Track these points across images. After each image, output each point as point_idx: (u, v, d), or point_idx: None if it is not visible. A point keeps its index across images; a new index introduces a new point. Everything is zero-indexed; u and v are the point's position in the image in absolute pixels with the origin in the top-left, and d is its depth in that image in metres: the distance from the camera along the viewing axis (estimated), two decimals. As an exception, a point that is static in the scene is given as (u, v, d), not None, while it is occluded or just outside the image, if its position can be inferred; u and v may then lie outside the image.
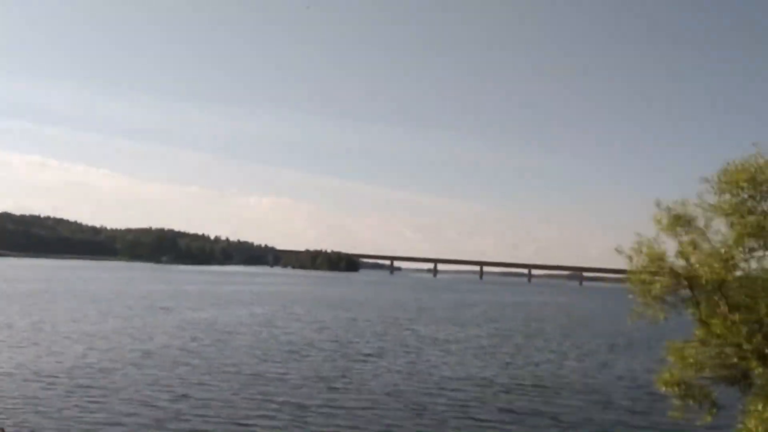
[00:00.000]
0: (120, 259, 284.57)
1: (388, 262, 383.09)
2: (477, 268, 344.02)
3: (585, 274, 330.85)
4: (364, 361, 36.99)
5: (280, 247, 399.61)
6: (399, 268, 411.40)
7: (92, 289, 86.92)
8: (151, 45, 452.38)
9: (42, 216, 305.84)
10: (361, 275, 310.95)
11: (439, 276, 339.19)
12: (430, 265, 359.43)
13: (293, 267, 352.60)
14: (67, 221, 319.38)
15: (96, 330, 43.26)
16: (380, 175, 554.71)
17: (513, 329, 61.93)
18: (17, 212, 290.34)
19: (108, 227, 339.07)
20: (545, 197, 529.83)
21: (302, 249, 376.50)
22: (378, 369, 34.39)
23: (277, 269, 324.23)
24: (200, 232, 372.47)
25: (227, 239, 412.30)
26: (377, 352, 40.61)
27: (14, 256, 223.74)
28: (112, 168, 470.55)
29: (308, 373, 31.76)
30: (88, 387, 25.95)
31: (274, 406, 24.79)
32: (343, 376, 31.55)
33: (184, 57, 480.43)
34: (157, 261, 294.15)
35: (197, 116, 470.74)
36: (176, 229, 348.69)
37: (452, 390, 29.85)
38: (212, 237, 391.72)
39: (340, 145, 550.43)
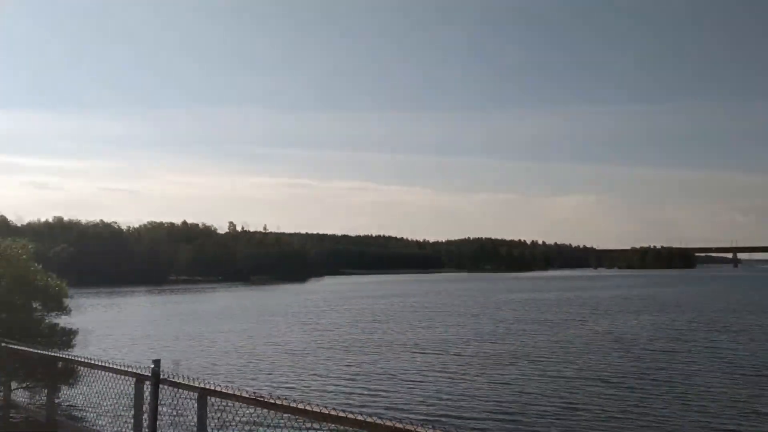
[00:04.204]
0: (446, 271, 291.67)
1: (726, 255, 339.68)
2: None
3: None
4: None
5: (598, 246, 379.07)
6: (740, 261, 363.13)
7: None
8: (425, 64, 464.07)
9: (372, 235, 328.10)
10: (700, 271, 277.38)
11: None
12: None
13: (619, 267, 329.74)
14: (395, 238, 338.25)
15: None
16: (688, 158, 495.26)
17: None
18: (351, 233, 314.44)
19: (430, 241, 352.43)
20: None
21: (621, 247, 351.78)
22: None
23: (604, 271, 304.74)
24: (513, 238, 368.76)
25: (544, 243, 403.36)
26: None
27: (359, 273, 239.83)
28: (422, 185, 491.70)
29: None
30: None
31: None
32: None
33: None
34: (481, 270, 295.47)
35: (497, 122, 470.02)
36: (490, 237, 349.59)
37: None
38: (528, 242, 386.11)
39: (639, 133, 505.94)
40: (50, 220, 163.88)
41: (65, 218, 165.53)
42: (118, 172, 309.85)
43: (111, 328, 48.05)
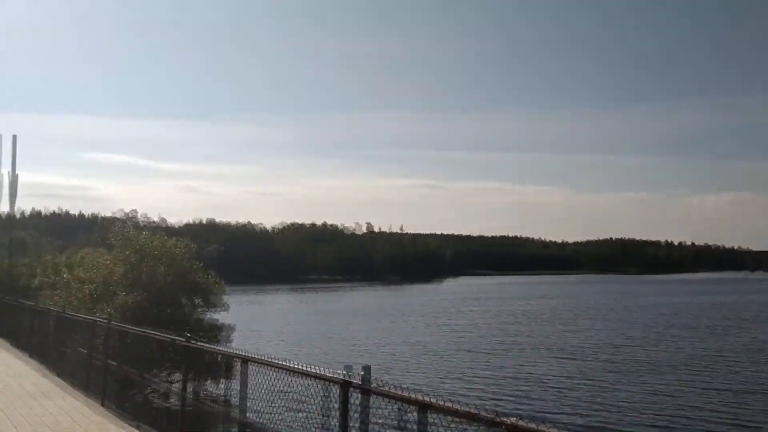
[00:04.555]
0: (585, 272, 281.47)
1: None
2: None
3: None
4: None
5: (755, 248, 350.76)
6: None
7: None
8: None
9: (509, 236, 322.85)
10: None
11: None
12: None
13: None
14: (532, 239, 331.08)
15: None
16: None
17: None
18: (488, 234, 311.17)
19: (569, 242, 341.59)
20: None
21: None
22: None
23: (762, 274, 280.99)
24: (657, 239, 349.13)
25: (693, 243, 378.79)
26: None
27: (495, 274, 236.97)
28: (560, 185, 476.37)
29: None
30: None
31: None
32: None
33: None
34: (623, 271, 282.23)
35: (638, 118, 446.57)
36: (633, 237, 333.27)
37: None
38: (675, 243, 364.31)
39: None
40: (203, 221, 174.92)
41: (216, 220, 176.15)
42: (261, 176, 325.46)
43: (261, 324, 50.20)
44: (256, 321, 52.09)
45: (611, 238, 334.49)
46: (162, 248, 22.42)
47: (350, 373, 5.04)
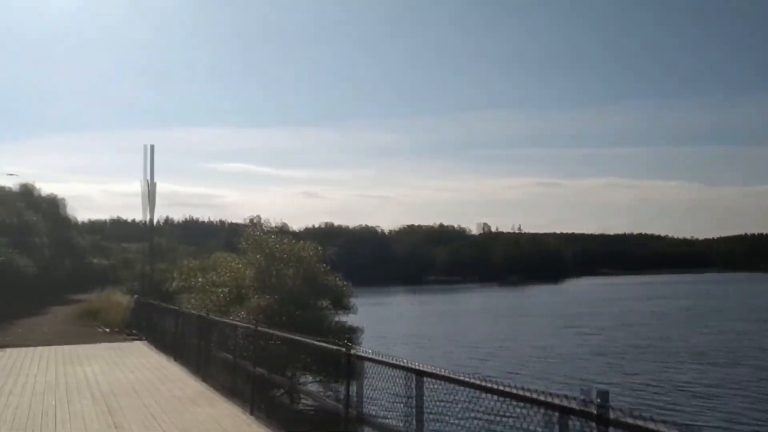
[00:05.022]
0: (717, 271, 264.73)
1: None
2: None
3: None
4: None
5: None
6: None
7: None
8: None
9: (632, 233, 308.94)
10: None
11: None
12: None
13: None
14: (657, 236, 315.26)
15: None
16: None
17: None
18: (609, 232, 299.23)
19: (699, 238, 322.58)
20: None
21: None
22: None
23: None
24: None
25: None
26: None
27: (618, 274, 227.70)
28: (685, 179, 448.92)
29: None
30: None
31: None
32: None
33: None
34: (762, 270, 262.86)
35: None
36: (766, 233, 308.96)
37: None
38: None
39: None
40: (322, 225, 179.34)
41: (335, 223, 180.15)
42: (376, 180, 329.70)
43: (385, 326, 50.23)
44: (379, 323, 52.27)
45: (745, 234, 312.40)
46: (290, 251, 22.82)
47: (585, 398, 4.02)
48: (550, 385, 24.83)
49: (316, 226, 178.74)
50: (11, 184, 52.18)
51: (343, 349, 7.77)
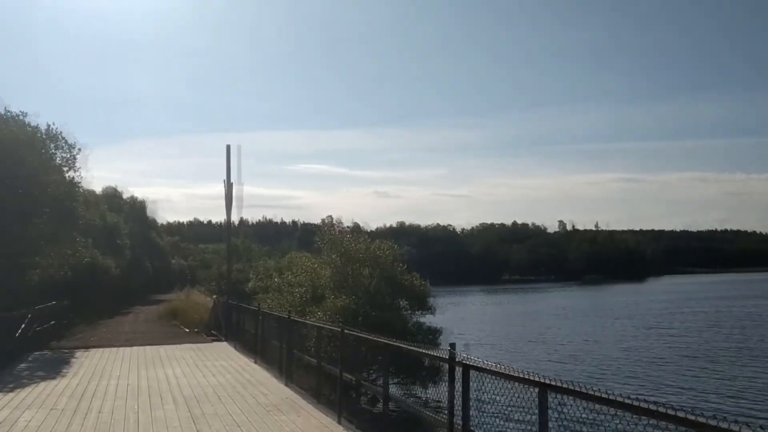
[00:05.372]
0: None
1: None
2: None
3: None
4: None
5: None
6: None
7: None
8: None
9: (718, 230, 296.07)
10: None
11: None
12: None
13: None
14: (745, 232, 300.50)
15: None
16: None
17: None
18: (693, 229, 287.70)
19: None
20: None
21: None
22: None
23: None
24: None
25: None
26: None
27: (703, 272, 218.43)
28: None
29: None
30: None
31: None
32: None
33: None
34: None
35: None
36: None
37: None
38: None
39: None
40: (394, 225, 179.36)
41: (407, 223, 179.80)
42: (450, 178, 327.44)
43: (464, 326, 49.45)
44: (458, 323, 51.41)
45: None
46: (366, 251, 22.40)
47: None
48: (627, 388, 23.56)
49: (388, 225, 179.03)
50: (97, 188, 54.03)
51: (446, 357, 7.11)
